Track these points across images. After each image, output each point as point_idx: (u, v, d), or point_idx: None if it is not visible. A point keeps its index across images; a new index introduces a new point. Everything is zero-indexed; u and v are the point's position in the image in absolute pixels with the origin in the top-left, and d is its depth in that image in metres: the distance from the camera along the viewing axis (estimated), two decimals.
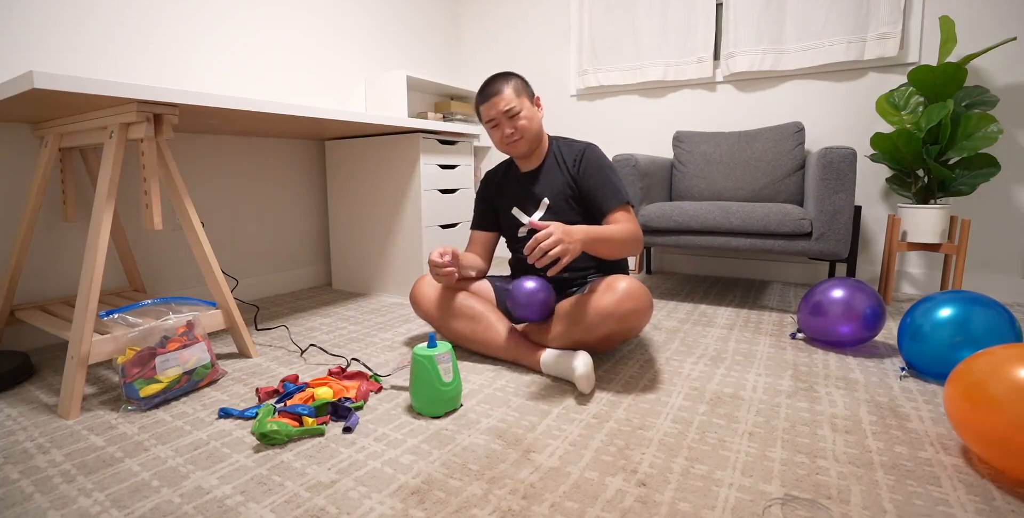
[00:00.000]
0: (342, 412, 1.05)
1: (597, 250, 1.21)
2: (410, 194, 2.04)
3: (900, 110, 1.91)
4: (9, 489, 0.83)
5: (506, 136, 1.36)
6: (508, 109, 1.32)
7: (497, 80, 1.35)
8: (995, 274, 2.01)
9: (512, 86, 1.34)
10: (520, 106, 1.33)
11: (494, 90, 1.34)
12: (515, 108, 1.33)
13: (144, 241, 1.79)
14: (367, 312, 1.91)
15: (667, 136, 2.61)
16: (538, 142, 1.41)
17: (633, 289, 1.19)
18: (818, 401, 1.11)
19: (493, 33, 3.07)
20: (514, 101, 1.33)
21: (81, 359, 1.09)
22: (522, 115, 1.34)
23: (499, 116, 1.34)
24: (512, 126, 1.35)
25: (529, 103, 1.37)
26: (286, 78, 2.17)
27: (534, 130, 1.37)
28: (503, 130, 1.36)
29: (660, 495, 0.79)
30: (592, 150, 1.40)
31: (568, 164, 1.40)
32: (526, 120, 1.35)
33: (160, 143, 1.27)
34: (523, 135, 1.36)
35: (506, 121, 1.34)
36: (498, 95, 1.33)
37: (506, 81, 1.34)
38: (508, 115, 1.33)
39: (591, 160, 1.38)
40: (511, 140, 1.36)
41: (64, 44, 1.54)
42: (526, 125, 1.35)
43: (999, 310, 1.14)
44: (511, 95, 1.33)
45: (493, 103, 1.34)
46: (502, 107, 1.32)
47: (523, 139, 1.36)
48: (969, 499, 0.77)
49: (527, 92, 1.38)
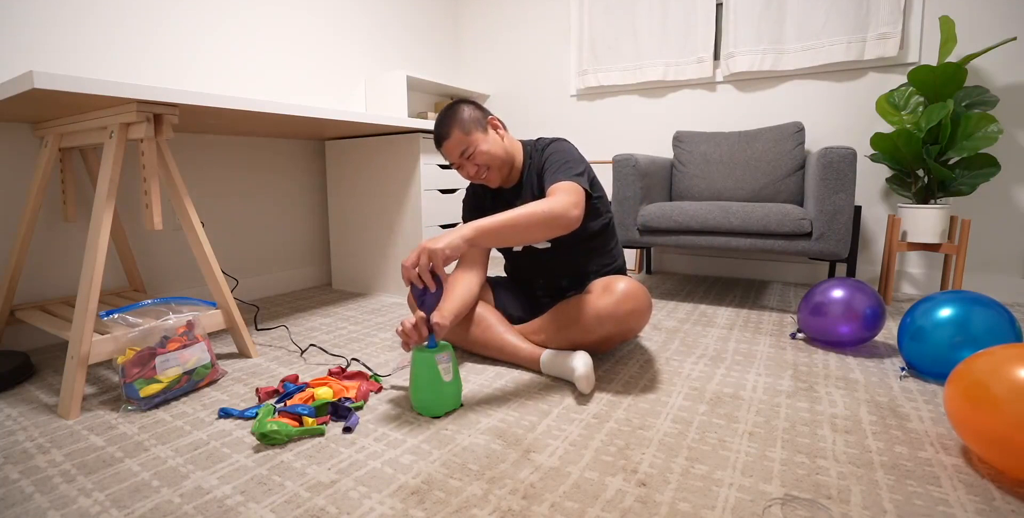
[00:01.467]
0: (342, 412, 1.05)
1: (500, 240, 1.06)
2: (410, 194, 2.04)
3: (900, 110, 1.91)
4: (9, 489, 0.83)
5: (472, 175, 1.31)
6: (461, 152, 1.27)
7: (442, 124, 1.28)
8: (995, 274, 2.01)
9: (458, 126, 1.26)
10: (473, 144, 1.26)
11: (441, 135, 1.28)
12: (468, 149, 1.26)
13: (144, 241, 1.79)
14: (367, 312, 1.91)
15: (667, 136, 2.61)
16: (510, 164, 1.35)
17: (632, 290, 1.18)
18: (818, 401, 1.11)
19: (493, 33, 3.07)
20: (464, 142, 1.26)
21: (81, 359, 1.09)
22: (479, 151, 1.27)
23: (456, 159, 1.29)
24: (474, 164, 1.29)
25: (482, 133, 1.29)
26: (286, 78, 2.17)
27: (499, 158, 1.30)
28: (468, 170, 1.31)
29: (660, 495, 0.79)
30: (554, 144, 1.32)
31: (536, 167, 1.35)
32: (486, 153, 1.28)
33: (160, 143, 1.27)
34: (489, 166, 1.30)
35: (466, 162, 1.29)
36: (447, 140, 1.27)
37: (451, 122, 1.27)
38: (465, 157, 1.28)
39: (549, 152, 1.30)
40: (480, 177, 1.31)
41: (64, 44, 1.54)
42: (487, 158, 1.28)
43: (999, 310, 1.14)
44: (459, 137, 1.26)
45: (446, 150, 1.29)
46: (457, 150, 1.27)
47: (492, 169, 1.31)
48: (969, 499, 0.77)
49: (477, 123, 1.29)
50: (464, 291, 1.30)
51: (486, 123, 1.31)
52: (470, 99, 1.34)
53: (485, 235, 1.05)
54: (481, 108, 1.32)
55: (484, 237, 1.05)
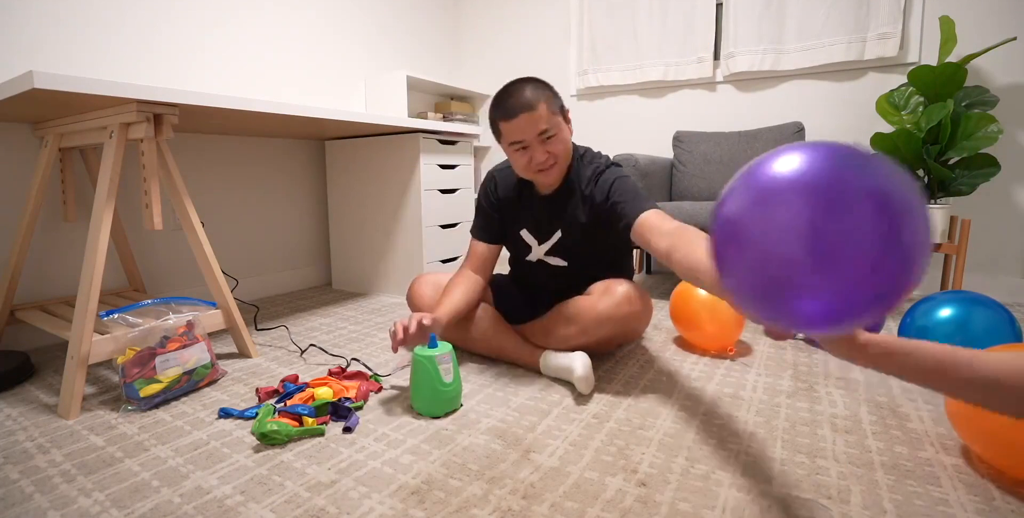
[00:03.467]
0: (342, 412, 1.05)
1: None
2: (410, 194, 2.04)
3: (900, 110, 1.91)
4: (9, 489, 0.82)
5: (538, 163, 1.11)
6: (544, 130, 1.07)
7: (525, 90, 1.08)
8: (995, 274, 2.01)
9: (547, 100, 1.07)
10: (556, 127, 1.09)
11: (524, 104, 1.06)
12: (550, 130, 1.08)
13: (144, 241, 1.79)
14: (367, 312, 1.91)
15: (667, 136, 2.61)
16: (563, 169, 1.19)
17: (631, 293, 1.17)
18: (818, 401, 1.11)
19: (493, 33, 3.07)
20: (550, 121, 1.07)
21: (81, 359, 1.09)
22: (558, 137, 1.10)
23: (531, 138, 1.09)
24: (546, 151, 1.10)
25: (563, 121, 1.13)
26: (286, 78, 2.17)
27: (567, 155, 1.15)
28: (534, 155, 1.11)
29: (660, 495, 0.79)
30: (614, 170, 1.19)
31: (585, 188, 1.21)
32: (562, 144, 1.11)
33: (160, 143, 1.27)
34: (557, 161, 1.13)
35: (539, 144, 1.10)
36: (531, 111, 1.06)
37: (538, 93, 1.08)
38: (543, 137, 1.09)
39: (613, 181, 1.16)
40: (544, 167, 1.13)
41: (64, 44, 1.54)
42: (562, 150, 1.12)
43: (999, 310, 1.14)
44: (545, 112, 1.06)
45: (523, 122, 1.06)
46: (540, 126, 1.07)
47: (557, 165, 1.14)
48: (969, 499, 0.77)
49: (560, 108, 1.12)
50: (462, 295, 1.25)
51: (566, 113, 1.15)
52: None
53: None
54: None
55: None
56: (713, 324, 1.35)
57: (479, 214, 1.39)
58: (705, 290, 0.81)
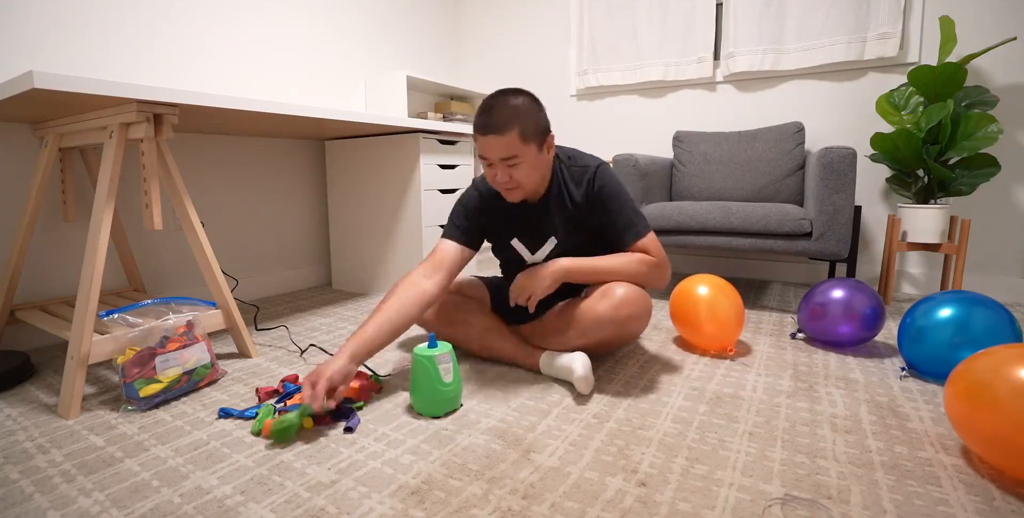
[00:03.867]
0: (343, 412, 1.05)
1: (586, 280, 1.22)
2: (410, 194, 2.04)
3: (900, 110, 1.91)
4: (9, 489, 0.82)
5: (498, 183, 1.13)
6: (505, 155, 1.08)
7: (504, 110, 1.07)
8: (995, 274, 2.01)
9: (518, 128, 1.06)
10: (524, 155, 1.09)
11: (495, 126, 1.06)
12: (516, 159, 1.09)
13: (144, 241, 1.79)
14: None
15: (667, 136, 2.61)
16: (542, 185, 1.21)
17: (631, 295, 1.17)
18: (818, 401, 1.11)
19: (493, 33, 3.07)
20: (517, 149, 1.07)
21: (81, 359, 1.09)
22: (523, 166, 1.10)
23: (494, 160, 1.10)
24: (508, 174, 1.11)
25: (537, 150, 1.11)
26: (286, 78, 2.17)
27: (536, 180, 1.15)
28: (496, 173, 1.12)
29: (660, 495, 0.79)
30: (601, 173, 1.21)
31: (574, 194, 1.22)
32: (527, 171, 1.11)
33: (160, 143, 1.27)
34: (519, 186, 1.13)
35: (503, 167, 1.10)
36: (499, 135, 1.06)
37: (513, 117, 1.06)
38: (506, 163, 1.10)
39: (601, 186, 1.20)
40: (504, 188, 1.15)
41: (64, 44, 1.54)
42: (525, 177, 1.12)
43: (999, 310, 1.14)
44: (514, 140, 1.06)
45: (490, 142, 1.08)
46: (503, 152, 1.08)
47: (519, 189, 1.14)
48: (969, 499, 0.77)
49: (537, 134, 1.10)
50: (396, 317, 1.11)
51: (545, 140, 1.14)
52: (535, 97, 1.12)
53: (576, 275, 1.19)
54: (545, 117, 1.15)
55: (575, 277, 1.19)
56: (713, 324, 1.35)
57: (454, 215, 1.28)
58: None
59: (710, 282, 1.41)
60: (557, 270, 1.19)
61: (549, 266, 1.20)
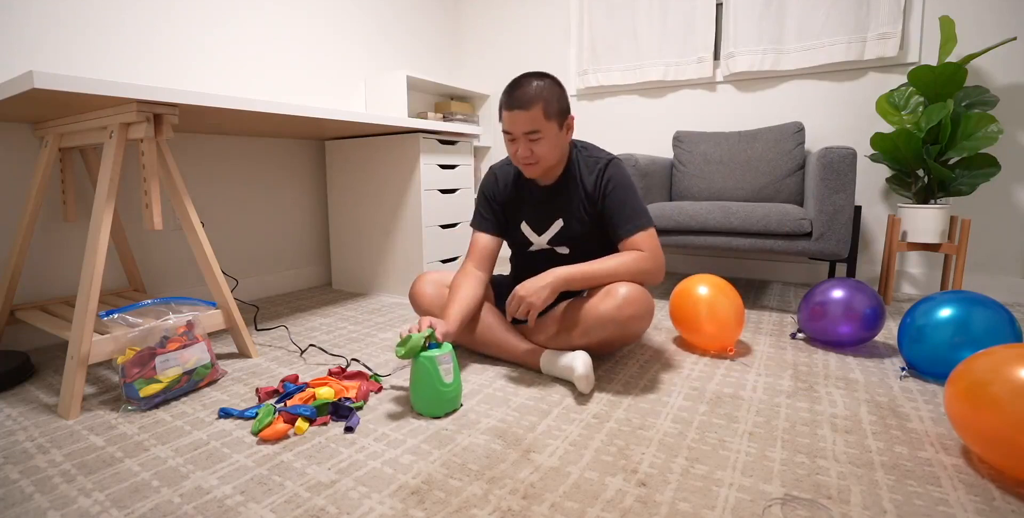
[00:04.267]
0: (343, 412, 1.05)
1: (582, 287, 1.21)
2: (410, 194, 2.04)
3: (900, 110, 1.91)
4: (9, 489, 0.83)
5: (519, 157, 1.22)
6: (531, 131, 1.17)
7: (527, 88, 1.16)
8: (995, 274, 2.01)
9: (542, 105, 1.16)
10: (545, 131, 1.18)
11: (522, 101, 1.15)
12: (538, 133, 1.17)
13: (144, 241, 1.79)
14: (367, 312, 1.91)
15: (667, 136, 2.61)
16: (559, 165, 1.29)
17: (634, 295, 1.17)
18: (818, 401, 1.11)
19: (493, 33, 3.07)
20: (540, 124, 1.16)
21: (81, 359, 1.09)
22: (544, 141, 1.19)
23: (518, 134, 1.19)
24: (529, 149, 1.20)
25: (558, 128, 1.20)
26: (286, 78, 2.17)
27: (555, 157, 1.23)
28: (519, 148, 1.21)
29: (660, 495, 0.79)
30: (613, 166, 1.27)
31: (586, 182, 1.28)
32: (548, 148, 1.20)
33: (160, 143, 1.27)
34: (539, 161, 1.22)
35: (525, 141, 1.20)
36: (525, 110, 1.15)
37: (538, 94, 1.16)
38: (528, 137, 1.19)
39: (611, 178, 1.26)
40: (524, 162, 1.23)
41: (64, 44, 1.54)
42: (545, 153, 1.20)
43: (999, 310, 1.14)
44: (538, 116, 1.16)
45: (516, 117, 1.17)
46: (527, 126, 1.17)
47: (538, 165, 1.23)
48: (969, 499, 0.77)
49: (559, 113, 1.19)
50: (469, 295, 1.28)
51: (566, 120, 1.23)
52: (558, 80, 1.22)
53: (574, 283, 1.18)
54: (567, 99, 1.24)
55: (573, 285, 1.19)
56: (713, 324, 1.35)
57: (481, 206, 1.41)
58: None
59: (710, 282, 1.41)
60: (555, 280, 1.18)
61: (546, 276, 1.19)
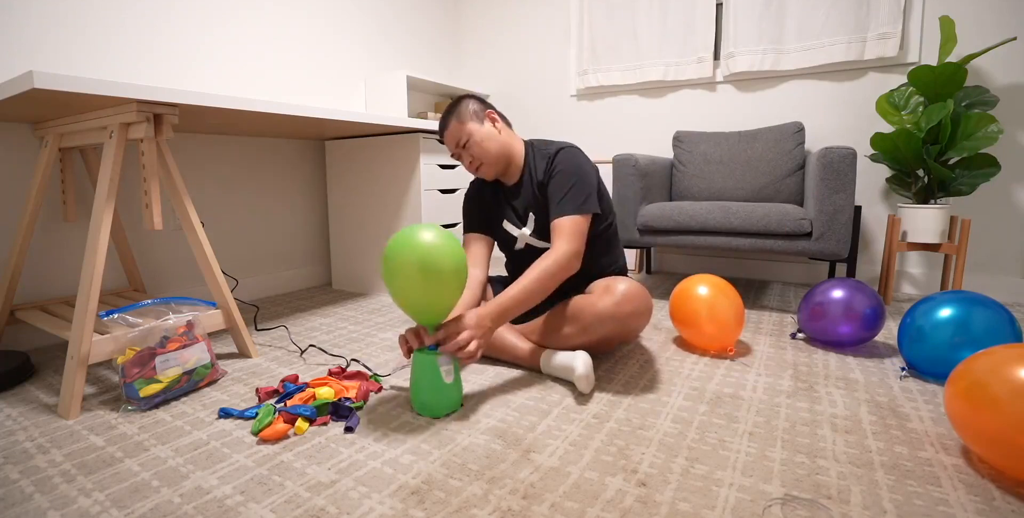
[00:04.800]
0: (343, 412, 1.05)
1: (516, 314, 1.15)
2: (410, 194, 2.04)
3: (900, 110, 1.91)
4: (9, 489, 0.83)
5: (468, 167, 1.36)
6: (457, 141, 1.32)
7: (445, 119, 1.34)
8: (995, 274, 2.01)
9: (455, 117, 1.31)
10: (467, 133, 1.30)
11: (441, 128, 1.34)
12: (463, 139, 1.31)
13: (144, 241, 1.79)
14: (367, 312, 1.91)
15: (667, 136, 2.61)
16: (506, 159, 1.35)
17: (632, 291, 1.18)
18: (818, 401, 1.11)
19: (493, 33, 3.07)
20: (460, 132, 1.31)
21: (81, 359, 1.09)
22: (472, 141, 1.31)
23: (456, 149, 1.34)
24: (469, 155, 1.33)
25: (478, 125, 1.32)
26: (286, 78, 2.17)
27: (493, 151, 1.32)
28: (463, 160, 1.36)
29: (660, 495, 0.79)
30: (562, 154, 1.30)
31: (538, 173, 1.34)
32: (480, 146, 1.31)
33: (160, 143, 1.27)
34: (483, 160, 1.33)
35: (463, 152, 1.33)
36: (445, 131, 1.33)
37: (449, 114, 1.32)
38: (460, 147, 1.32)
39: (556, 164, 1.30)
40: (474, 168, 1.35)
41: (64, 44, 1.54)
42: (479, 151, 1.31)
43: (999, 310, 1.14)
44: (456, 127, 1.31)
45: (445, 139, 1.35)
46: (452, 143, 1.33)
47: (484, 164, 1.33)
48: (969, 499, 0.77)
49: (475, 115, 1.33)
50: (468, 295, 1.30)
51: (483, 115, 1.34)
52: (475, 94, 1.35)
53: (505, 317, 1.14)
54: (483, 102, 1.36)
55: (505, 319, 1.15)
56: (713, 324, 1.35)
57: (467, 211, 1.49)
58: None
59: (710, 282, 1.41)
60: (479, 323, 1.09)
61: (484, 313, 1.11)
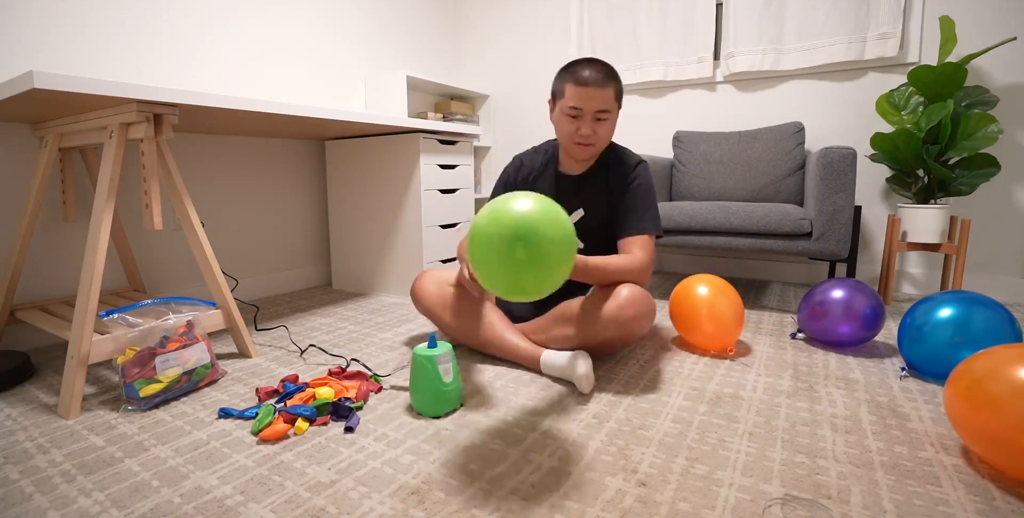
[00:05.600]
0: (343, 412, 1.05)
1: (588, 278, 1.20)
2: (410, 194, 2.04)
3: (900, 110, 1.91)
4: (9, 489, 0.82)
5: (582, 136, 1.23)
6: (602, 110, 1.20)
7: (604, 68, 1.19)
8: (995, 274, 2.01)
9: (615, 86, 1.20)
10: (612, 113, 1.22)
11: (599, 79, 1.17)
12: (607, 113, 1.21)
13: (144, 241, 1.79)
14: (367, 312, 1.91)
15: (667, 136, 2.61)
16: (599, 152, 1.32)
17: (636, 295, 1.18)
18: (818, 401, 1.11)
19: (493, 33, 3.07)
20: (610, 104, 1.20)
21: (81, 359, 1.09)
22: (608, 123, 1.23)
23: (589, 111, 1.20)
24: (592, 129, 1.22)
25: (617, 113, 1.26)
26: (286, 78, 2.17)
27: (607, 142, 1.28)
28: (582, 126, 1.22)
29: (660, 495, 0.79)
30: (644, 167, 1.32)
31: (614, 179, 1.31)
32: (608, 130, 1.24)
33: (160, 143, 1.27)
34: (597, 142, 1.25)
35: (590, 120, 1.21)
36: (601, 89, 1.17)
37: (612, 78, 1.20)
38: (596, 116, 1.21)
39: (638, 176, 1.29)
40: (584, 142, 1.24)
41: (64, 44, 1.54)
42: (605, 135, 1.25)
43: (999, 310, 1.14)
44: (611, 96, 1.19)
45: (590, 93, 1.17)
46: (600, 105, 1.19)
47: (595, 146, 1.26)
48: (969, 499, 0.77)
49: (621, 99, 1.25)
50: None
51: (620, 108, 1.28)
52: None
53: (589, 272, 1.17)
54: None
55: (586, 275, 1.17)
56: (713, 324, 1.35)
57: (502, 185, 1.43)
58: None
59: (710, 282, 1.41)
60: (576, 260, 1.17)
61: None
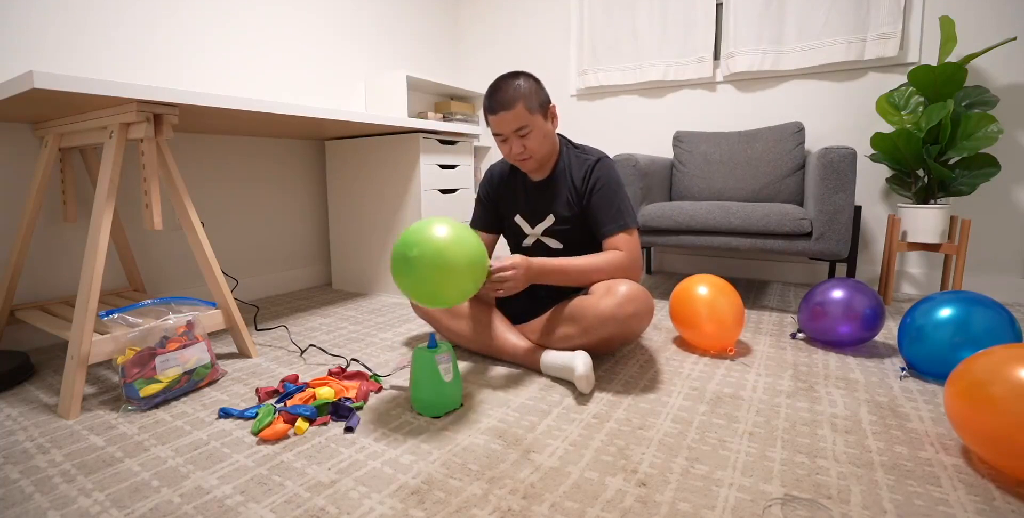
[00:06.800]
0: (343, 412, 1.05)
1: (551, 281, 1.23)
2: (410, 194, 2.04)
3: (900, 110, 1.91)
4: (9, 489, 0.83)
5: (514, 154, 1.26)
6: (519, 128, 1.22)
7: (506, 89, 1.21)
8: (995, 274, 2.01)
9: (523, 102, 1.20)
10: (531, 124, 1.22)
11: (504, 103, 1.20)
12: (526, 128, 1.22)
13: (144, 241, 1.79)
14: (367, 312, 1.91)
15: (667, 136, 2.61)
16: (550, 157, 1.32)
17: (634, 293, 1.18)
18: (818, 401, 1.11)
19: (493, 33, 3.07)
20: (525, 119, 1.21)
21: (81, 359, 1.09)
22: (533, 134, 1.23)
23: (508, 133, 1.24)
24: (521, 145, 1.24)
25: (542, 119, 1.25)
26: (286, 78, 2.17)
27: (546, 148, 1.28)
28: (511, 147, 1.26)
29: (660, 495, 0.79)
30: (602, 165, 1.31)
31: (575, 178, 1.32)
32: (537, 140, 1.24)
33: (160, 143, 1.27)
34: (532, 154, 1.26)
35: (515, 139, 1.24)
36: (506, 111, 1.20)
37: (516, 93, 1.20)
38: (518, 134, 1.23)
39: (599, 176, 1.29)
40: (520, 158, 1.27)
41: (64, 44, 1.54)
42: (536, 145, 1.25)
43: (999, 310, 1.14)
44: (522, 112, 1.20)
45: (501, 119, 1.22)
46: (514, 124, 1.21)
47: (532, 158, 1.27)
48: (969, 499, 0.77)
49: (540, 105, 1.24)
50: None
51: (548, 109, 1.28)
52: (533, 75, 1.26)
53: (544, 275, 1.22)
54: (545, 91, 1.27)
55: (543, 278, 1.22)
56: (713, 324, 1.35)
57: (478, 206, 1.49)
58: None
59: (710, 282, 1.41)
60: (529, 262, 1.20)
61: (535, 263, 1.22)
